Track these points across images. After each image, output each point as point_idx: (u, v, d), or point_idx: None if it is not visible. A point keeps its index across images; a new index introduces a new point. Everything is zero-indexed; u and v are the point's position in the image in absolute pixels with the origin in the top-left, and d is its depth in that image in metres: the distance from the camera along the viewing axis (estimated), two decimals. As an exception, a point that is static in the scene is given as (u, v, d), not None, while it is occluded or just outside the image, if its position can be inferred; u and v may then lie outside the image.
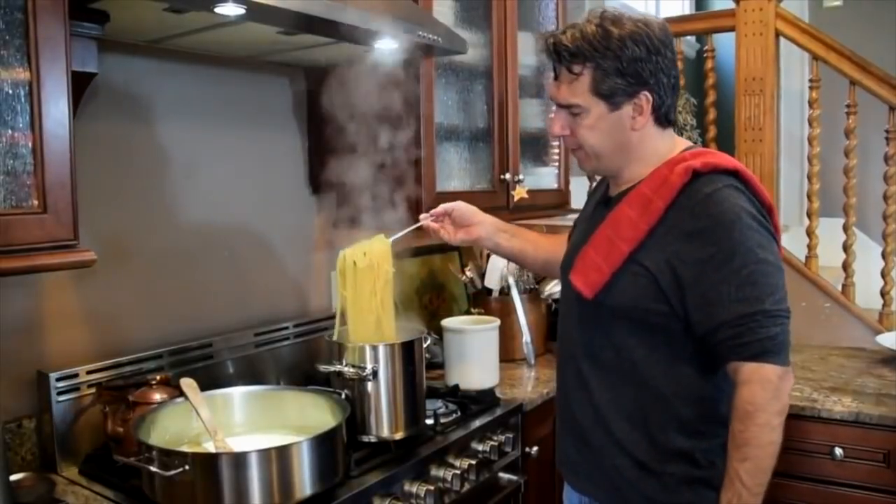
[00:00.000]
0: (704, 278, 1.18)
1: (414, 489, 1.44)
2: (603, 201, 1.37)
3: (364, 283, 1.45)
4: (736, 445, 1.18)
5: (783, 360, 1.17)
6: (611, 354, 1.29)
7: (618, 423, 1.29)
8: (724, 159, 1.26)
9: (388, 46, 1.60)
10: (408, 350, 1.53)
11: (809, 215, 2.55)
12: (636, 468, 1.28)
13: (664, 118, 1.29)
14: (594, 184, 1.56)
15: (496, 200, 2.11)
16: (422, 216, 1.54)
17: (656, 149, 1.29)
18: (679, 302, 1.21)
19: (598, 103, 1.25)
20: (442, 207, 1.55)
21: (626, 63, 1.21)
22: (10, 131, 1.07)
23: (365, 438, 1.50)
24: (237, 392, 1.51)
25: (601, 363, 1.31)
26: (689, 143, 1.35)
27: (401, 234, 1.50)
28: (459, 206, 1.56)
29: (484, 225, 1.56)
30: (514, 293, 2.18)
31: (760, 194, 1.24)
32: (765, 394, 1.15)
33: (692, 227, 1.19)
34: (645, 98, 1.24)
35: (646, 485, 1.28)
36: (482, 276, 2.28)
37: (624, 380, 1.28)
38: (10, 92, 1.06)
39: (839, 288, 2.47)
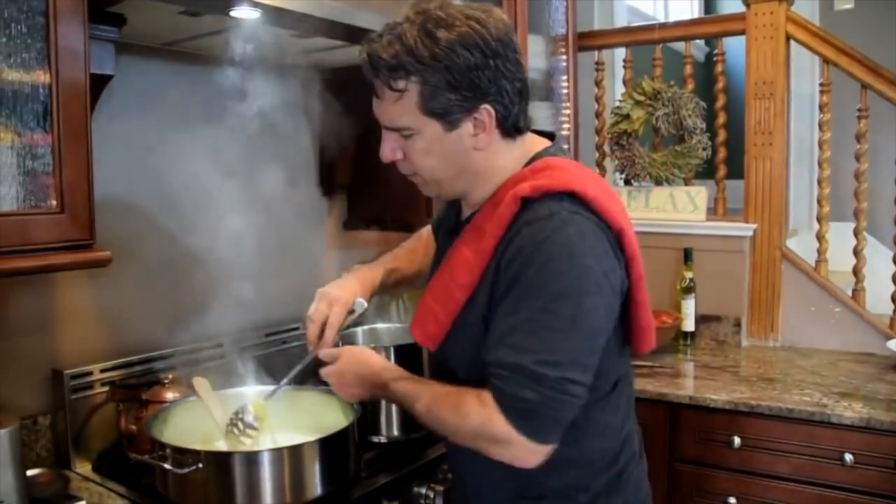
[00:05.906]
0: (500, 311, 1.03)
1: (423, 490, 1.44)
2: (452, 228, 1.21)
3: None
4: (437, 400, 1.08)
5: (528, 430, 0.99)
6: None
7: (489, 461, 1.07)
8: (559, 180, 1.05)
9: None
10: (418, 352, 1.53)
11: (819, 220, 2.54)
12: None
13: (513, 128, 1.10)
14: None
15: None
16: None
17: (506, 165, 1.11)
18: None
19: (431, 122, 1.05)
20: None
21: (458, 74, 1.01)
22: (29, 132, 1.09)
23: (375, 439, 1.51)
24: (249, 392, 1.52)
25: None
26: (545, 144, 1.16)
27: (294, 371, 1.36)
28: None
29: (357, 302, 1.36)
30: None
31: (605, 215, 1.04)
32: (483, 428, 1.01)
33: (510, 264, 1.03)
34: (486, 112, 1.05)
35: None
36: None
37: None
38: (31, 93, 1.08)
39: (849, 293, 2.46)
